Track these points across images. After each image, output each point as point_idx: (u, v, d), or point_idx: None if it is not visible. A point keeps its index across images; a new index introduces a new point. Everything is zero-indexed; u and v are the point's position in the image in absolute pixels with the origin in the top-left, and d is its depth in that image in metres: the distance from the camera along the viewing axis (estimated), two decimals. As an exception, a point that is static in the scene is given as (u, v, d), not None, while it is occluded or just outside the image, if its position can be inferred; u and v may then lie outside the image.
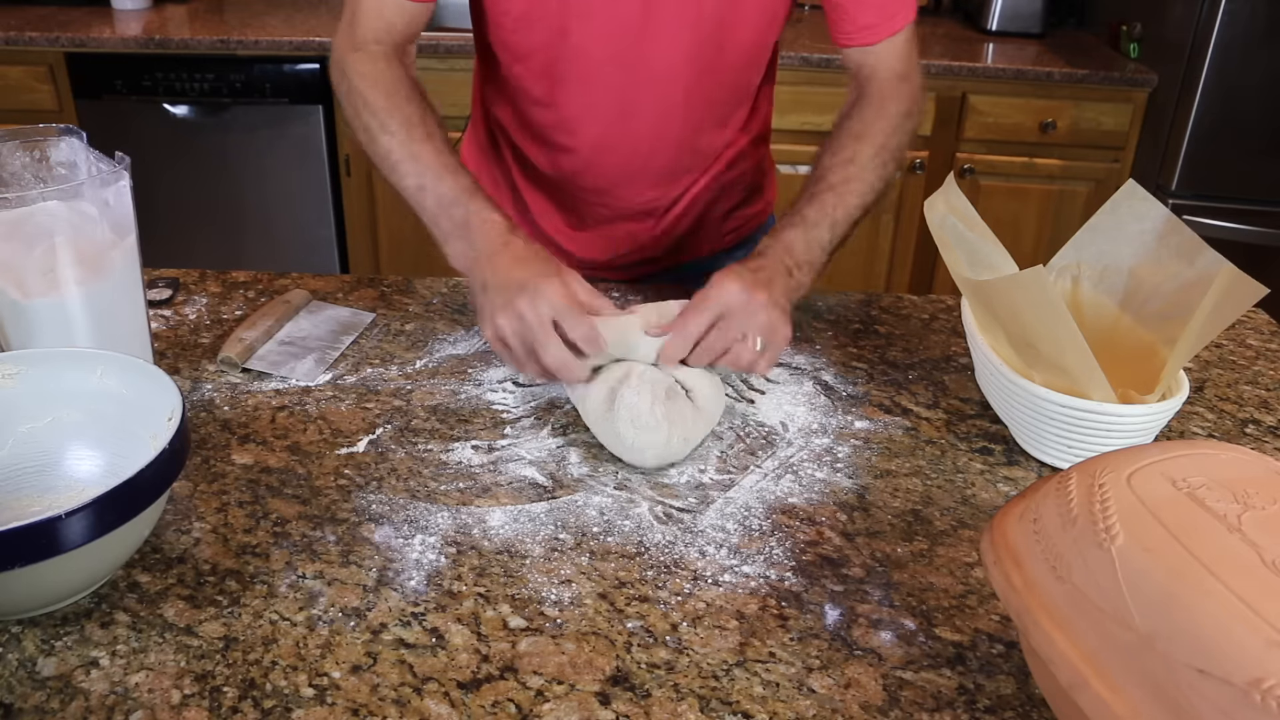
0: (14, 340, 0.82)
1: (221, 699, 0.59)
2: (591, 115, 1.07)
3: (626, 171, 1.12)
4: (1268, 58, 2.20)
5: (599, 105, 1.06)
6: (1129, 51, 2.50)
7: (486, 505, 0.77)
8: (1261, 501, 0.51)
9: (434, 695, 0.60)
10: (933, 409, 0.92)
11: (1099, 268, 0.92)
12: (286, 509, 0.76)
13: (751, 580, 0.70)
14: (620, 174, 1.12)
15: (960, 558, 0.74)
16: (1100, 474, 0.55)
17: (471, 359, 0.97)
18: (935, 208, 0.93)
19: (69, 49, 2.37)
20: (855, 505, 0.79)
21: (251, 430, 0.85)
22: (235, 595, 0.67)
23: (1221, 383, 1.00)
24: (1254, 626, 0.44)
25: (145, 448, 0.68)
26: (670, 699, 0.60)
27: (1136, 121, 2.44)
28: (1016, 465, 0.85)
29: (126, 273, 0.84)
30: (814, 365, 0.99)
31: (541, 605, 0.67)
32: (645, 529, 0.75)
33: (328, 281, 1.12)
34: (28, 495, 0.72)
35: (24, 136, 0.84)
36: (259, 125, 2.46)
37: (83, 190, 0.80)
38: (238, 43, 2.35)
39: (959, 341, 1.05)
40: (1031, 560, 0.54)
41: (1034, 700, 0.62)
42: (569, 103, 1.06)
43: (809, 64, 2.35)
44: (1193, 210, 2.31)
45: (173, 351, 0.97)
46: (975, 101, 2.41)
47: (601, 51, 1.02)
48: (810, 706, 0.60)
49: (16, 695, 0.59)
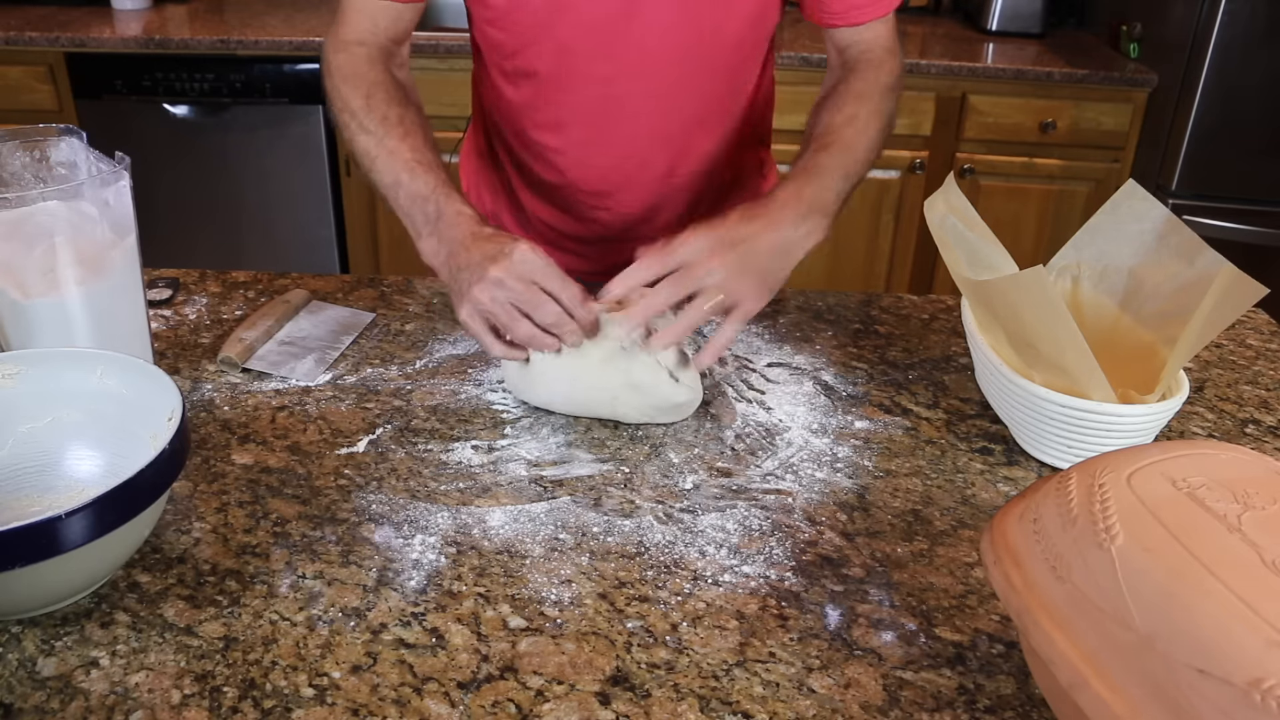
0: (14, 340, 0.82)
1: (221, 699, 0.59)
2: (578, 112, 1.06)
3: (621, 173, 1.11)
4: (1268, 58, 2.20)
5: (586, 101, 1.05)
6: (1129, 51, 2.50)
7: (486, 505, 0.77)
8: (1261, 501, 0.51)
9: (434, 695, 0.60)
10: (933, 409, 0.92)
11: (1099, 268, 0.92)
12: (286, 509, 0.76)
13: (751, 580, 0.70)
14: (614, 176, 1.11)
15: (960, 558, 0.74)
16: (1100, 474, 0.55)
17: (471, 359, 0.97)
18: (935, 208, 0.93)
19: (69, 49, 2.37)
20: (855, 505, 0.79)
21: (251, 430, 0.85)
22: (235, 595, 0.67)
23: (1221, 383, 1.00)
24: (1254, 626, 0.44)
25: (145, 448, 0.68)
26: (670, 699, 0.60)
27: (1136, 121, 2.44)
28: (1016, 465, 0.85)
29: (126, 273, 0.84)
30: (814, 365, 0.99)
31: (541, 605, 0.67)
32: (645, 529, 0.75)
33: (328, 281, 1.12)
34: (28, 495, 0.72)
35: (24, 136, 0.84)
36: (259, 125, 2.46)
37: (83, 190, 0.80)
38: (238, 43, 2.35)
39: (959, 341, 1.05)
40: (1031, 560, 0.54)
41: (1034, 700, 0.62)
42: (555, 99, 1.06)
43: (809, 64, 2.34)
44: (1193, 210, 2.31)
45: (173, 351, 0.97)
46: (975, 101, 2.41)
47: (587, 44, 1.01)
48: (810, 706, 0.60)
49: (16, 695, 0.59)
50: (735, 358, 0.99)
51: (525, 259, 0.81)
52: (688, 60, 1.03)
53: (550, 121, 1.08)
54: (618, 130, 1.07)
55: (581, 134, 1.08)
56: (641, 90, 1.05)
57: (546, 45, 1.02)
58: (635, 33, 1.00)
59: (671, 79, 1.04)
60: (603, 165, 1.10)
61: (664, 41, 1.01)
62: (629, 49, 1.01)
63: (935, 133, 2.46)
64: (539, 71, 1.04)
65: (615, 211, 1.15)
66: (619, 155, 1.10)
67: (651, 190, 1.13)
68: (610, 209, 1.14)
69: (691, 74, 1.05)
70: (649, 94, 1.05)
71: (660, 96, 1.06)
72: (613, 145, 1.09)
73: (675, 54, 1.03)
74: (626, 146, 1.09)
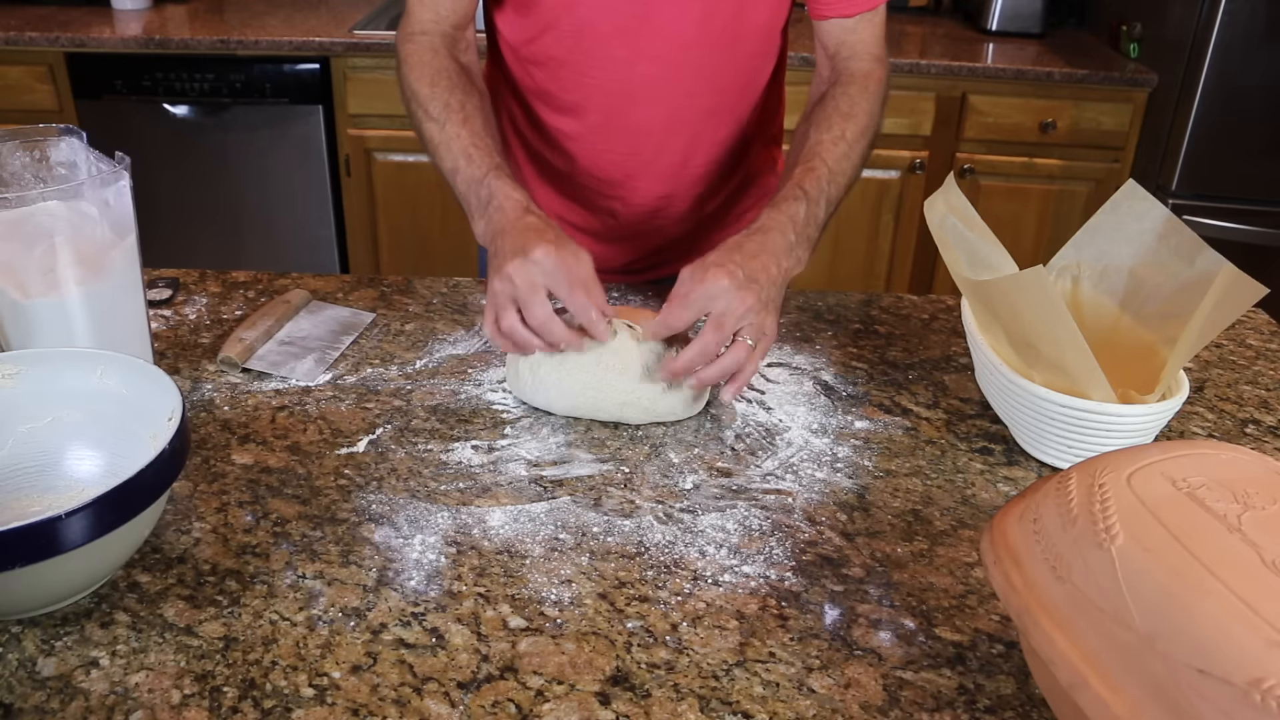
0: (14, 340, 0.82)
1: (221, 699, 0.59)
2: (595, 96, 1.07)
3: (636, 160, 1.11)
4: (1268, 58, 2.20)
5: (603, 84, 1.06)
6: (1129, 51, 2.50)
7: (486, 505, 0.77)
8: (1261, 501, 0.51)
9: (434, 695, 0.60)
10: (933, 409, 0.92)
11: (1099, 268, 0.92)
12: (286, 509, 0.76)
13: (751, 580, 0.70)
14: (629, 163, 1.11)
15: (960, 558, 0.74)
16: (1100, 474, 0.55)
17: (471, 359, 0.97)
18: (935, 208, 0.93)
19: (69, 49, 2.37)
20: (855, 505, 0.79)
21: (251, 430, 0.85)
22: (235, 595, 0.67)
23: (1221, 383, 1.00)
24: (1254, 626, 0.44)
25: (145, 448, 0.68)
26: (670, 699, 0.60)
27: (1136, 121, 2.44)
28: (1016, 465, 0.85)
29: (126, 273, 0.84)
30: (814, 365, 0.99)
31: (541, 605, 0.67)
32: (645, 529, 0.75)
33: (328, 281, 1.12)
34: (28, 495, 0.72)
35: (24, 136, 0.84)
36: (259, 125, 2.46)
37: (83, 190, 0.80)
38: (238, 43, 2.35)
39: (959, 341, 1.05)
40: (1031, 560, 0.54)
41: (1034, 700, 0.62)
42: (573, 82, 1.06)
43: (809, 64, 2.34)
44: (1193, 210, 2.31)
45: (173, 351, 0.97)
46: (975, 101, 2.41)
47: (607, 24, 1.02)
48: (810, 706, 0.60)
49: (16, 695, 0.59)
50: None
51: (540, 260, 0.82)
52: (704, 45, 1.04)
53: (567, 105, 1.09)
54: (634, 115, 1.08)
55: (597, 119, 1.08)
56: (658, 74, 1.05)
57: (566, 27, 1.03)
58: (655, 14, 1.01)
59: (688, 63, 1.05)
60: (618, 151, 1.11)
61: (682, 23, 1.02)
62: (648, 30, 1.02)
63: (935, 133, 2.46)
64: (556, 55, 1.05)
65: (628, 202, 1.15)
66: (634, 141, 1.10)
67: (664, 180, 1.13)
68: (623, 199, 1.14)
69: (708, 59, 1.05)
70: (665, 78, 1.06)
71: (676, 81, 1.06)
72: (628, 131, 1.09)
73: (693, 37, 1.03)
74: (642, 132, 1.09)
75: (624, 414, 0.87)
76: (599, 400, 0.86)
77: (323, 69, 2.41)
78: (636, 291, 1.12)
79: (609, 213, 1.16)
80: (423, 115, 0.99)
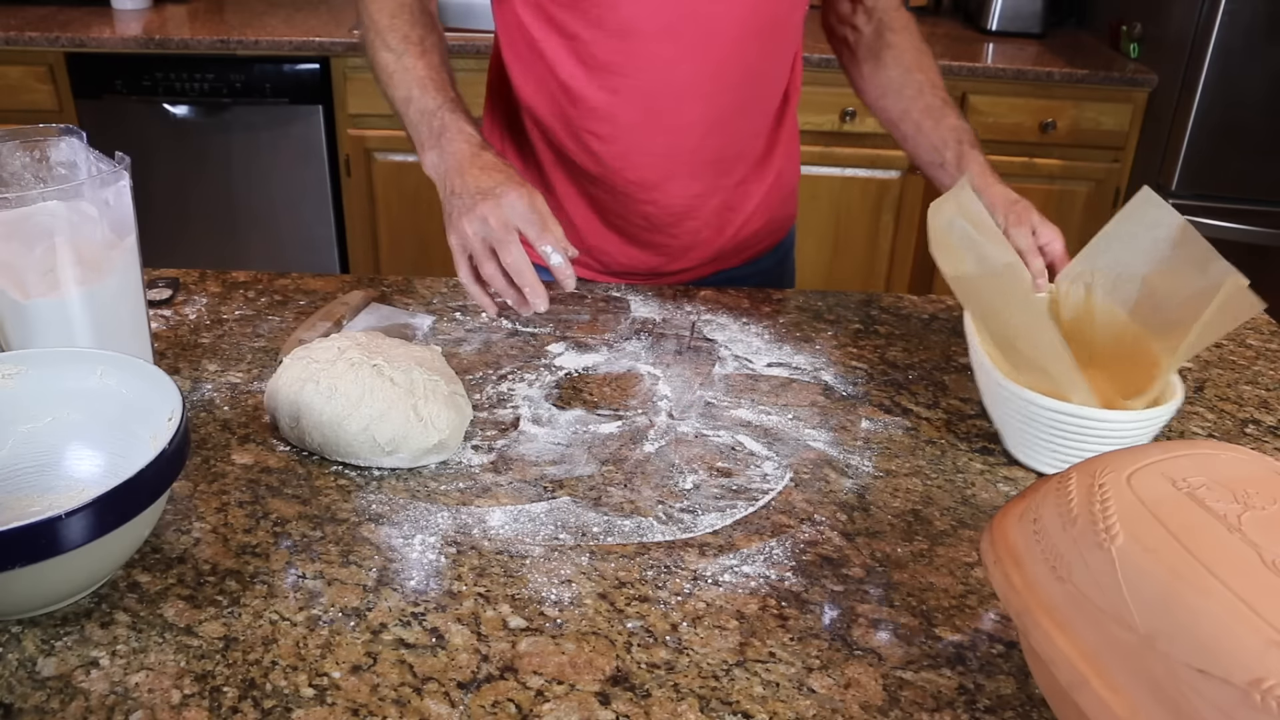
0: (14, 340, 0.82)
1: (221, 699, 0.59)
2: (634, 96, 1.04)
3: (673, 162, 1.08)
4: (1268, 58, 2.20)
5: (643, 85, 1.03)
6: (1129, 51, 2.50)
7: (486, 505, 0.77)
8: (1261, 501, 0.51)
9: (434, 695, 0.60)
10: (933, 409, 0.92)
11: (1112, 276, 0.90)
12: (286, 509, 0.76)
13: (751, 580, 0.70)
14: (665, 165, 1.09)
15: (960, 558, 0.74)
16: (1100, 474, 0.55)
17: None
18: (943, 210, 0.92)
19: (69, 49, 2.37)
20: (855, 505, 0.79)
21: (251, 430, 0.85)
22: (235, 595, 0.67)
23: (1221, 383, 1.00)
24: (1254, 626, 0.44)
25: (145, 448, 0.68)
26: (670, 699, 0.60)
27: (1136, 121, 2.44)
28: (1016, 465, 0.85)
29: (126, 273, 0.84)
30: (814, 365, 0.99)
31: (541, 605, 0.67)
32: (645, 529, 0.75)
33: (328, 281, 1.12)
34: (28, 495, 0.72)
35: (24, 136, 0.84)
36: (259, 125, 2.46)
37: (83, 190, 0.80)
38: (238, 43, 2.35)
39: (959, 341, 1.05)
40: (1031, 560, 0.54)
41: (1034, 700, 0.62)
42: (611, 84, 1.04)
43: (809, 64, 2.33)
44: (1193, 210, 2.31)
45: (173, 351, 0.97)
46: (975, 101, 2.41)
47: (652, 24, 1.00)
48: (810, 706, 0.60)
49: (16, 695, 0.59)
50: (735, 358, 0.99)
51: (513, 205, 0.84)
52: (749, 39, 1.03)
53: (602, 107, 1.05)
54: (672, 115, 1.06)
55: (634, 119, 1.06)
56: (701, 72, 1.03)
57: (610, 25, 1.01)
58: (703, 10, 1.00)
59: (731, 59, 1.04)
60: (654, 153, 1.08)
61: (730, 19, 1.01)
62: (694, 28, 1.01)
63: (935, 133, 2.45)
64: (597, 55, 1.03)
65: (660, 204, 1.11)
66: (671, 141, 1.07)
67: (699, 178, 1.11)
68: (656, 201, 1.11)
69: (749, 53, 1.05)
70: (706, 76, 1.04)
71: (714, 78, 1.04)
72: (664, 131, 1.07)
73: (735, 32, 1.02)
74: (680, 132, 1.07)
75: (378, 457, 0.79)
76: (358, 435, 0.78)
77: (323, 69, 2.41)
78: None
79: (641, 215, 1.12)
80: (380, 45, 0.99)
